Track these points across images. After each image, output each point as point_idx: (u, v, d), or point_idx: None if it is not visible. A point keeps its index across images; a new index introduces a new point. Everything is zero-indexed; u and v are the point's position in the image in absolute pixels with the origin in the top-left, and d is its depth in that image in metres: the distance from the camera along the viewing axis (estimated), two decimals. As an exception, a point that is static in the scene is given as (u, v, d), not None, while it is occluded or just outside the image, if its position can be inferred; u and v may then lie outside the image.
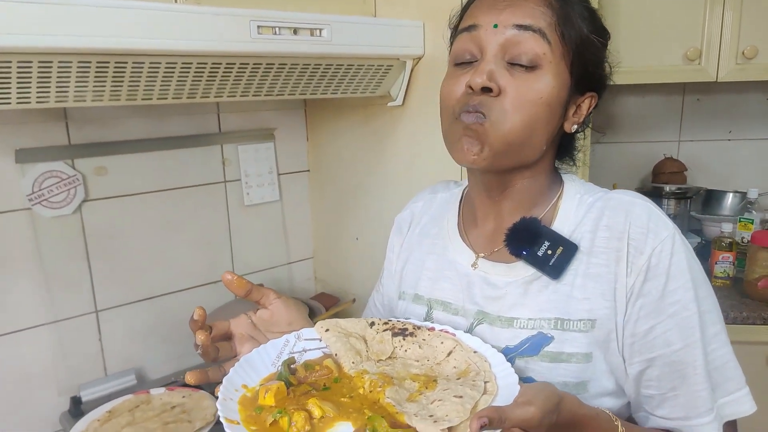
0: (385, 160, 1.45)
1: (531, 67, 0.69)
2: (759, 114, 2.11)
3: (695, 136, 2.14)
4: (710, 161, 2.13)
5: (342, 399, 0.66)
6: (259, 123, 1.62)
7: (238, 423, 0.61)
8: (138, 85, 1.01)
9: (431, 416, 0.59)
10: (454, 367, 0.70)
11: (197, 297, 1.55)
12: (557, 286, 0.72)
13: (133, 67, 0.96)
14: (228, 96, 1.13)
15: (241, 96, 1.15)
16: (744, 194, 1.91)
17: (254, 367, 0.70)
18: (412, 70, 1.29)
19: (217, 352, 0.72)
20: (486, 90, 0.68)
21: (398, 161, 1.41)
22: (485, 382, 0.65)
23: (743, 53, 1.73)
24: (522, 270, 0.75)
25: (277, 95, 1.20)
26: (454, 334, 0.75)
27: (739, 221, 1.85)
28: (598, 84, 0.76)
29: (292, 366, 0.72)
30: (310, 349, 0.76)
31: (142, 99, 1.03)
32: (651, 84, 1.89)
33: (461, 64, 0.73)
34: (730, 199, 2.04)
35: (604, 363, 0.71)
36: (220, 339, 0.74)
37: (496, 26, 0.69)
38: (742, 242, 1.82)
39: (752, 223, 1.83)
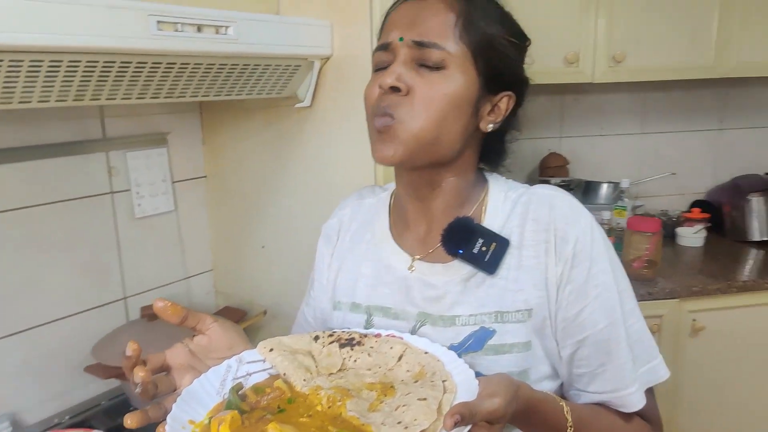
0: (293, 163, 1.38)
1: (437, 68, 0.72)
2: (626, 111, 2.32)
3: (574, 132, 2.31)
4: (587, 155, 2.31)
5: (301, 419, 0.62)
6: (150, 127, 1.47)
7: None
8: (14, 87, 0.86)
9: (399, 422, 0.58)
10: (408, 371, 0.69)
11: (82, 324, 1.38)
12: (493, 280, 0.75)
13: (9, 66, 0.81)
14: (122, 98, 1.01)
15: (137, 98, 1.03)
16: (617, 184, 2.09)
17: (198, 400, 0.63)
18: (320, 71, 1.24)
19: (156, 389, 0.64)
20: (395, 90, 0.72)
21: (307, 164, 1.35)
22: (443, 381, 0.64)
23: (614, 57, 1.89)
24: (458, 268, 0.77)
25: (178, 97, 1.09)
26: (402, 338, 0.73)
27: (614, 209, 2.02)
28: (514, 83, 0.78)
29: (240, 392, 0.66)
30: (254, 372, 0.71)
31: (20, 102, 0.88)
32: (537, 85, 2.00)
33: (378, 70, 0.77)
34: (605, 189, 2.21)
35: (541, 349, 0.75)
36: (157, 372, 0.67)
37: (401, 39, 0.73)
38: (618, 228, 1.99)
39: (625, 210, 2.00)
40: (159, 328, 1.36)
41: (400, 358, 0.70)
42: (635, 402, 0.74)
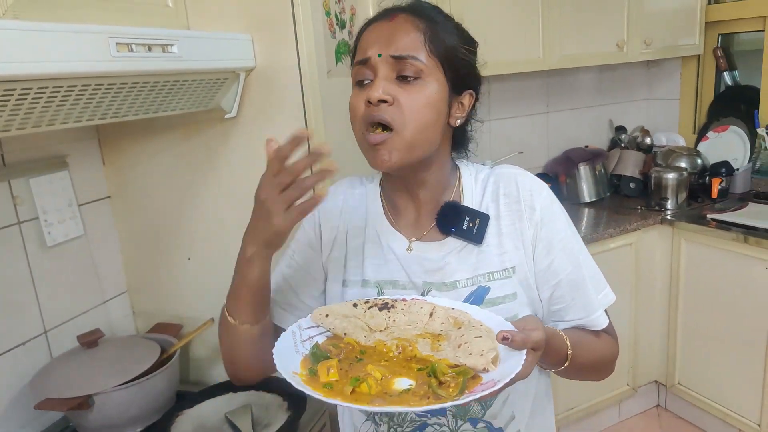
0: (217, 173, 1.42)
1: (415, 78, 0.84)
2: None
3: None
4: (449, 143, 2.61)
5: (381, 363, 0.74)
6: (48, 151, 1.40)
7: (332, 396, 0.67)
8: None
9: (471, 354, 0.72)
10: (442, 323, 0.82)
11: (5, 365, 1.28)
12: (481, 248, 0.91)
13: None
14: (61, 123, 0.98)
15: (74, 122, 1.01)
16: (483, 165, 2.41)
17: (288, 357, 0.74)
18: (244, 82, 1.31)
19: None
20: (382, 101, 0.83)
21: (234, 172, 1.40)
22: (480, 325, 0.78)
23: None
24: (452, 243, 0.92)
25: (112, 118, 1.09)
26: (425, 299, 0.86)
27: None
28: (473, 82, 0.93)
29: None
30: (314, 336, 0.81)
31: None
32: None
33: (361, 85, 0.87)
34: (467, 172, 2.53)
35: (525, 297, 0.92)
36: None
37: (380, 55, 0.84)
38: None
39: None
40: (98, 354, 1.33)
41: (431, 315, 0.83)
42: (602, 321, 0.95)
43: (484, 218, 0.91)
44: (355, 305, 0.86)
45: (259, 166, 1.38)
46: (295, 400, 1.32)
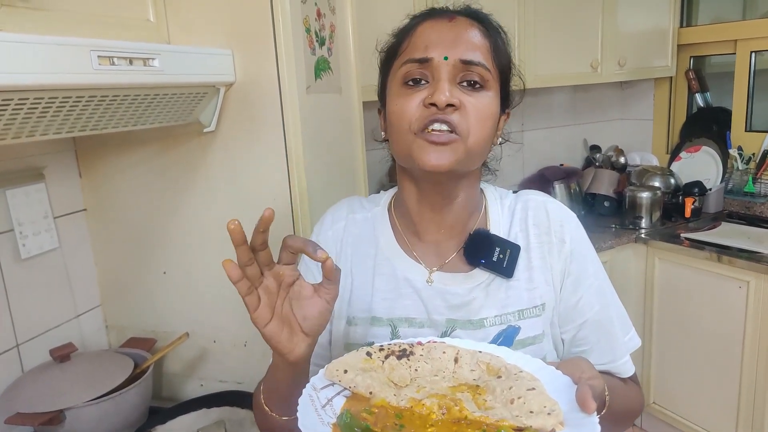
0: (195, 187, 1.42)
1: (479, 87, 0.77)
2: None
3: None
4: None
5: (429, 430, 0.62)
6: (24, 163, 1.39)
7: None
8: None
9: (532, 412, 0.60)
10: (472, 370, 0.70)
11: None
12: (511, 283, 0.83)
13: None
14: (41, 135, 0.99)
15: (54, 133, 1.01)
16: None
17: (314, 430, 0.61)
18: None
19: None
20: (449, 105, 0.74)
21: (213, 186, 1.40)
22: (519, 372, 0.66)
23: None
24: (479, 275, 0.84)
25: (91, 130, 1.09)
26: (444, 342, 0.73)
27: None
28: (510, 103, 0.87)
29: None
30: (333, 396, 0.68)
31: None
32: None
33: (411, 85, 0.78)
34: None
35: (550, 336, 0.85)
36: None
37: (446, 58, 0.76)
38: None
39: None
40: (71, 368, 1.31)
41: (456, 361, 0.71)
42: (629, 369, 0.87)
43: (516, 249, 0.83)
44: (368, 354, 0.71)
45: (236, 181, 1.40)
46: (271, 414, 1.32)
